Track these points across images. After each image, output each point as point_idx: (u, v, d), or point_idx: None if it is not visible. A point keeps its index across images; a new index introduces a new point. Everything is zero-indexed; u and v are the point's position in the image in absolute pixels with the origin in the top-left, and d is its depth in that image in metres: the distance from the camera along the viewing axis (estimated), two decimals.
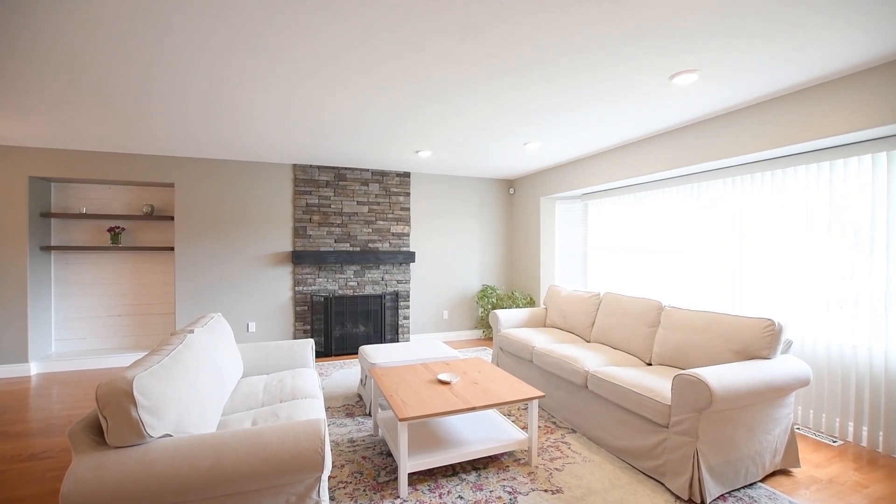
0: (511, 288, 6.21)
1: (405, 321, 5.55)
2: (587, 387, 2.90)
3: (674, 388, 2.26)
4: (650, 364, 3.14)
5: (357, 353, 5.16)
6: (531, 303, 5.66)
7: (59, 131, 3.72)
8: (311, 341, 3.12)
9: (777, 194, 3.23)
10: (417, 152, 4.43)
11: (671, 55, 2.32)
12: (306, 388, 2.50)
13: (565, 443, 2.82)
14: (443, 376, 2.69)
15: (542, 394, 2.45)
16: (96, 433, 1.45)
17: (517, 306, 5.57)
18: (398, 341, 5.49)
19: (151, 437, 1.46)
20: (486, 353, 5.12)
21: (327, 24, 2.05)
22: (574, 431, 2.99)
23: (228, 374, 2.36)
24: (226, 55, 2.33)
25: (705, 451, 2.18)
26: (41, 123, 3.48)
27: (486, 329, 5.88)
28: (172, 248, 4.74)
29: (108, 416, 1.40)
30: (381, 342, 5.33)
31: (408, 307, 5.56)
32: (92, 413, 1.51)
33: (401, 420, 2.11)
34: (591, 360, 3.02)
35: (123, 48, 2.26)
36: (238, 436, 1.52)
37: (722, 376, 2.17)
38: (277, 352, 2.99)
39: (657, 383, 2.50)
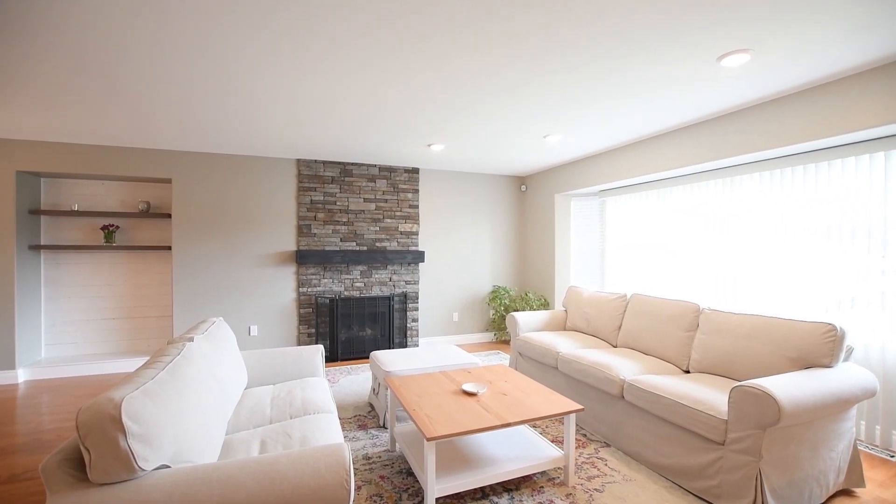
0: (524, 289, 5.97)
1: (414, 324, 5.30)
2: (623, 397, 2.66)
3: (732, 402, 2.02)
4: (688, 371, 2.90)
5: (365, 358, 4.90)
6: (545, 304, 5.42)
7: (50, 123, 3.46)
8: (321, 348, 2.87)
9: (822, 187, 3.00)
10: (430, 146, 4.19)
11: (722, 36, 2.08)
12: (318, 402, 2.26)
13: (601, 458, 2.58)
14: (468, 387, 2.44)
15: (580, 407, 2.21)
16: (76, 467, 1.21)
17: (531, 308, 5.33)
18: (407, 345, 5.25)
19: (144, 470, 1.22)
20: (500, 357, 4.87)
21: (340, 8, 1.83)
22: (608, 445, 2.75)
23: (232, 386, 2.11)
24: (232, 39, 2.10)
25: (768, 471, 1.95)
26: (34, 114, 3.22)
27: (497, 332, 5.64)
28: (170, 248, 4.49)
29: (92, 448, 1.15)
30: (390, 346, 5.08)
31: (416, 309, 5.31)
32: (71, 442, 1.26)
33: (428, 440, 1.87)
34: (624, 367, 2.78)
35: (125, 35, 2.08)
36: (248, 468, 1.28)
37: (788, 388, 1.93)
38: (284, 359, 2.74)
39: (707, 395, 2.26)
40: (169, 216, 4.51)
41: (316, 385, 2.50)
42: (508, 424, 2.03)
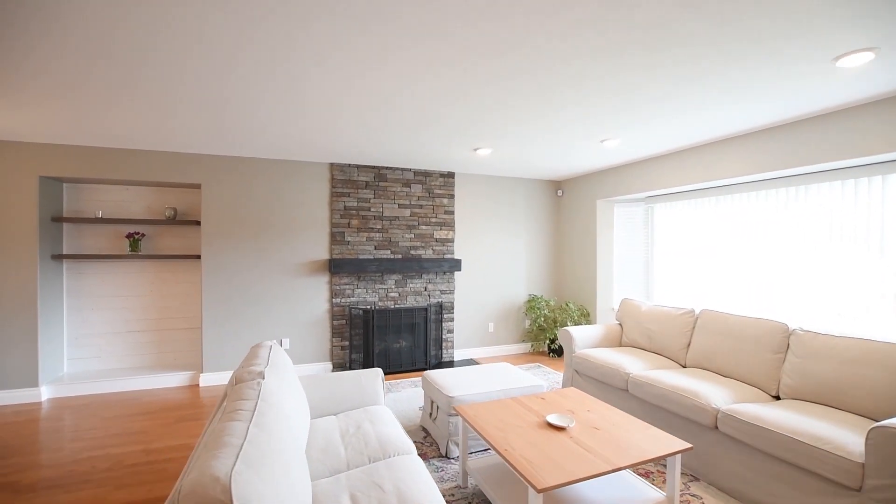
0: (560, 298, 5.72)
1: (449, 335, 5.07)
2: (717, 428, 2.42)
3: (872, 444, 1.78)
4: (777, 397, 2.66)
5: (401, 372, 4.66)
6: (586, 315, 5.18)
7: (73, 126, 3.23)
8: (380, 371, 2.64)
9: None
10: (476, 150, 3.95)
11: (842, 32, 1.84)
12: (393, 438, 2.02)
13: (694, 495, 2.34)
14: (553, 419, 2.21)
15: (690, 446, 1.97)
16: None
17: (572, 320, 5.09)
18: (442, 357, 5.02)
19: None
20: (543, 371, 4.63)
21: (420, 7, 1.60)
22: (696, 479, 2.51)
23: (300, 424, 1.87)
24: (279, 33, 1.85)
25: None
26: (55, 116, 2.99)
27: (534, 342, 5.39)
28: (198, 256, 4.26)
29: None
30: (425, 358, 4.84)
31: (452, 320, 5.07)
32: None
33: (539, 491, 1.63)
34: (714, 394, 2.54)
35: (157, 30, 1.84)
36: None
37: None
38: (342, 386, 2.50)
39: (824, 430, 2.02)
40: (197, 223, 4.27)
41: (382, 416, 2.26)
42: (619, 469, 1.80)
